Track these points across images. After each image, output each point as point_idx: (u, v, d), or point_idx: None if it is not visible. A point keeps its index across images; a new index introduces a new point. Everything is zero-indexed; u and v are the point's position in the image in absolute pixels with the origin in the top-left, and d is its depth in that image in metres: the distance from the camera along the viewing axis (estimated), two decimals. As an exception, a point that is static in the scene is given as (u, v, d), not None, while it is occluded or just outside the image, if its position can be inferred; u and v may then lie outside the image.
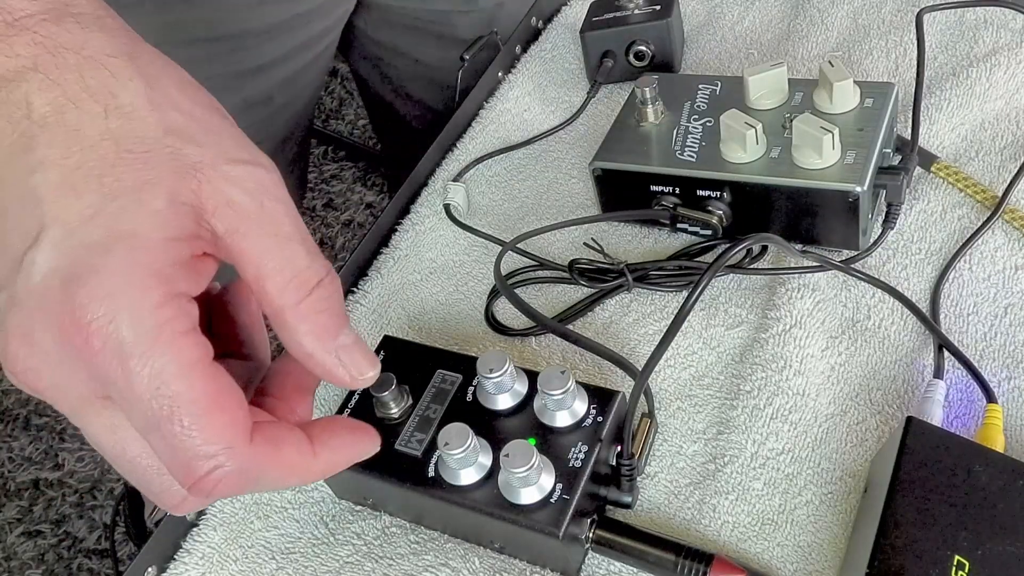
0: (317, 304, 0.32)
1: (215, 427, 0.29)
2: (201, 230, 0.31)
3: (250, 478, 0.31)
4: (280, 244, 0.32)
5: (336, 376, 0.33)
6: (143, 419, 0.29)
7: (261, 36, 0.72)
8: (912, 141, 0.54)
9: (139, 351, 0.28)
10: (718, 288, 0.54)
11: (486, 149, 0.68)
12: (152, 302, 0.29)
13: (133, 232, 0.29)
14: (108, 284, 0.28)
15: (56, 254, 0.29)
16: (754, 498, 0.44)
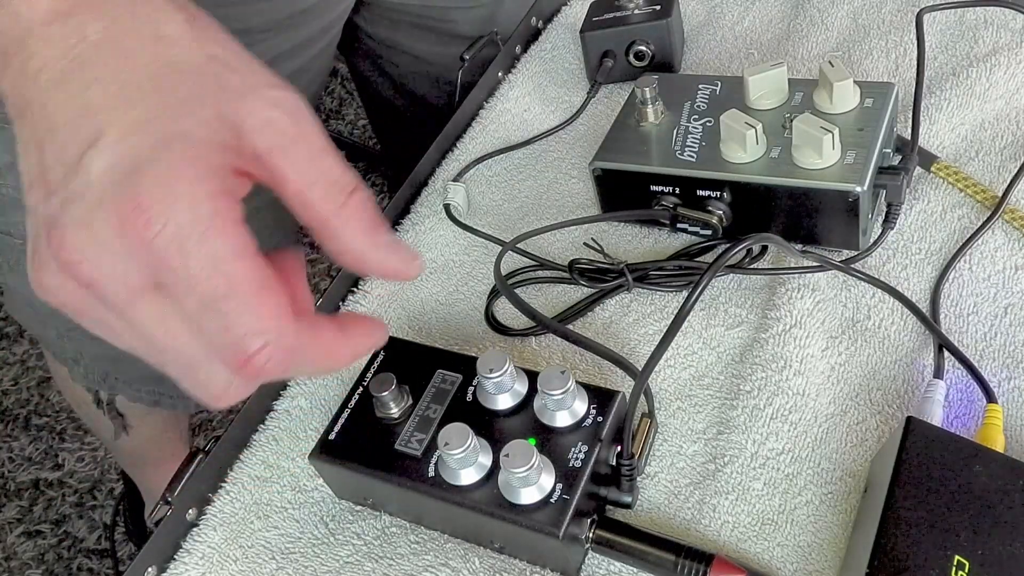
0: (358, 206, 0.34)
1: (266, 306, 0.31)
2: (243, 146, 0.32)
3: (294, 358, 0.32)
4: (319, 156, 0.34)
5: (388, 266, 0.35)
6: (198, 300, 0.31)
7: (263, 33, 0.72)
8: (912, 141, 0.54)
9: (197, 233, 0.30)
10: (718, 288, 0.54)
11: (486, 149, 0.68)
12: (208, 191, 0.31)
13: (190, 132, 0.31)
14: (167, 174, 0.30)
15: (115, 152, 0.31)
16: (754, 498, 0.44)
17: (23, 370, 1.69)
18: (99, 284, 0.31)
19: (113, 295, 0.31)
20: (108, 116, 0.31)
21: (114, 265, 0.31)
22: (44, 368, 1.66)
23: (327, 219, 0.33)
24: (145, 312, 0.32)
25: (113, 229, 0.30)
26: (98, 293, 0.31)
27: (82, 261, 0.31)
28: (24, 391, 1.66)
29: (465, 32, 0.84)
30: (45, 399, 1.63)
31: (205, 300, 0.31)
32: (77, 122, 0.32)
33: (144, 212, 0.30)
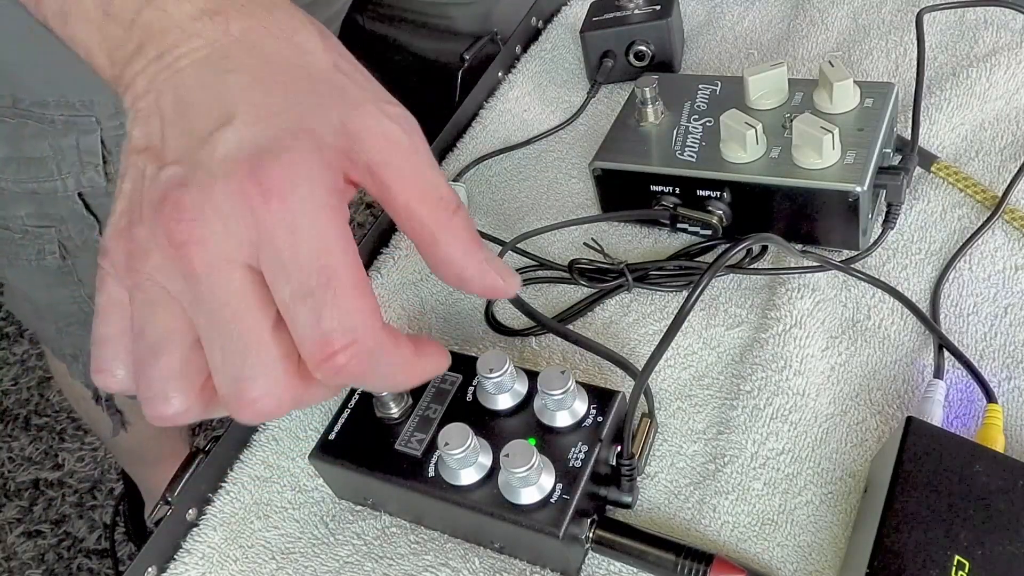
0: (461, 223, 0.35)
1: (361, 305, 0.32)
2: (356, 156, 0.33)
3: (373, 362, 0.33)
4: (428, 172, 0.35)
5: (488, 282, 0.36)
6: (298, 285, 0.31)
7: None
8: (912, 141, 0.54)
9: (311, 221, 0.31)
10: (718, 288, 0.54)
11: (486, 149, 0.68)
12: (327, 186, 0.32)
13: (314, 130, 0.33)
14: (295, 161, 0.32)
15: (247, 132, 0.32)
16: (754, 498, 0.44)
17: (23, 370, 1.69)
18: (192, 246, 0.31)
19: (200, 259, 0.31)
20: (243, 102, 0.33)
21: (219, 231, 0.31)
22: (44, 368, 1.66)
23: (433, 232, 0.34)
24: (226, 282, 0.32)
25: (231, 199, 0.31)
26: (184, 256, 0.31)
27: (191, 221, 0.31)
28: (24, 391, 1.66)
29: (462, 29, 0.84)
30: (45, 399, 1.63)
31: (303, 286, 0.31)
32: (211, 103, 0.33)
33: (266, 191, 0.31)
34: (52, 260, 0.72)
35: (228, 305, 0.32)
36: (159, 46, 0.34)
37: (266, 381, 0.32)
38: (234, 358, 0.32)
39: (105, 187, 0.67)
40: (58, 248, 0.71)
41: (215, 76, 0.34)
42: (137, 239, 0.33)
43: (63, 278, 0.73)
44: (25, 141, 0.65)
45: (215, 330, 0.32)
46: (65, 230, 0.70)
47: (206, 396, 0.34)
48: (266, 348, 0.32)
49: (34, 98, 0.64)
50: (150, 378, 0.33)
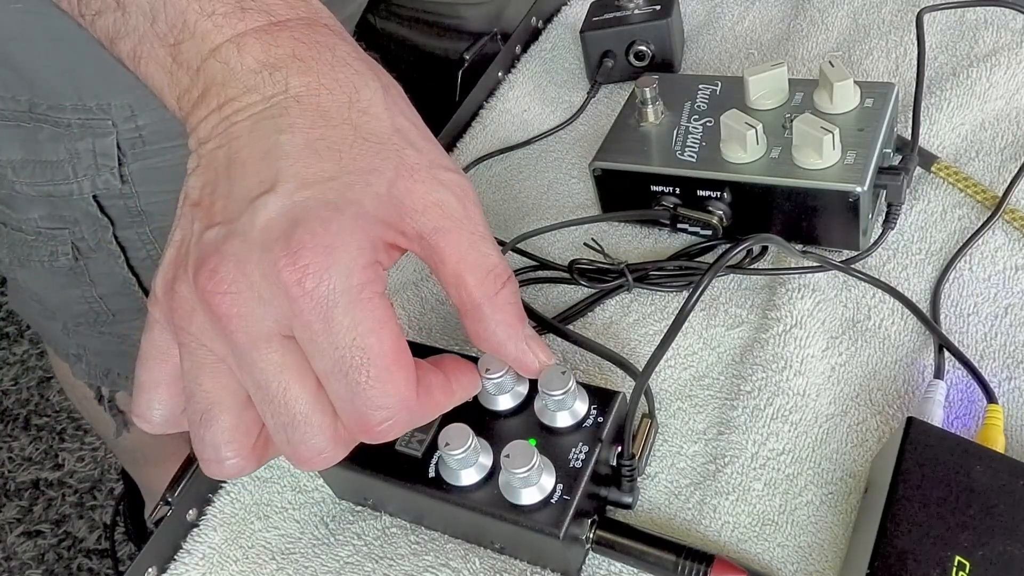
0: (508, 297, 0.36)
1: (394, 382, 0.32)
2: (405, 224, 0.34)
3: (411, 423, 0.34)
4: (479, 242, 0.35)
5: (524, 362, 0.37)
6: (332, 364, 0.32)
7: None
8: (912, 141, 0.54)
9: (345, 302, 0.31)
10: (718, 288, 0.54)
11: (486, 149, 0.68)
12: (363, 263, 0.32)
13: (360, 202, 0.33)
14: (331, 238, 0.32)
15: (288, 202, 0.32)
16: (754, 498, 0.44)
17: (23, 370, 1.69)
18: (231, 320, 0.32)
19: (241, 334, 0.32)
20: (290, 165, 0.33)
21: (254, 306, 0.32)
22: (44, 368, 1.66)
23: (479, 305, 0.35)
24: (266, 359, 0.32)
25: (265, 274, 0.31)
26: (225, 327, 0.32)
27: (226, 293, 0.32)
28: (24, 391, 1.66)
29: (473, 28, 0.85)
30: (45, 399, 1.63)
31: (338, 367, 0.32)
32: (259, 164, 0.33)
33: (300, 269, 0.31)
34: (65, 261, 0.72)
35: (272, 381, 0.33)
36: (220, 97, 0.35)
37: (317, 443, 0.34)
38: (284, 426, 0.33)
39: (120, 189, 0.67)
40: (71, 249, 0.71)
41: (268, 135, 0.33)
42: (181, 296, 0.33)
43: (75, 279, 0.74)
44: (41, 144, 0.66)
45: (262, 400, 0.33)
46: (78, 231, 0.70)
47: (259, 450, 0.36)
48: (313, 417, 0.33)
49: (51, 102, 0.64)
50: (204, 442, 0.35)
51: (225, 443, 0.34)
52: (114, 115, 0.64)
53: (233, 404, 0.34)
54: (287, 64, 0.35)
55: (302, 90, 0.34)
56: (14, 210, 0.70)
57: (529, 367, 0.38)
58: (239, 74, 0.34)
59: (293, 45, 0.35)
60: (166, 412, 0.36)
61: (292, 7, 0.37)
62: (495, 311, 0.35)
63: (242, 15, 0.35)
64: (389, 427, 0.33)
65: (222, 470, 0.35)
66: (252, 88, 0.34)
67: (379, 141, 0.34)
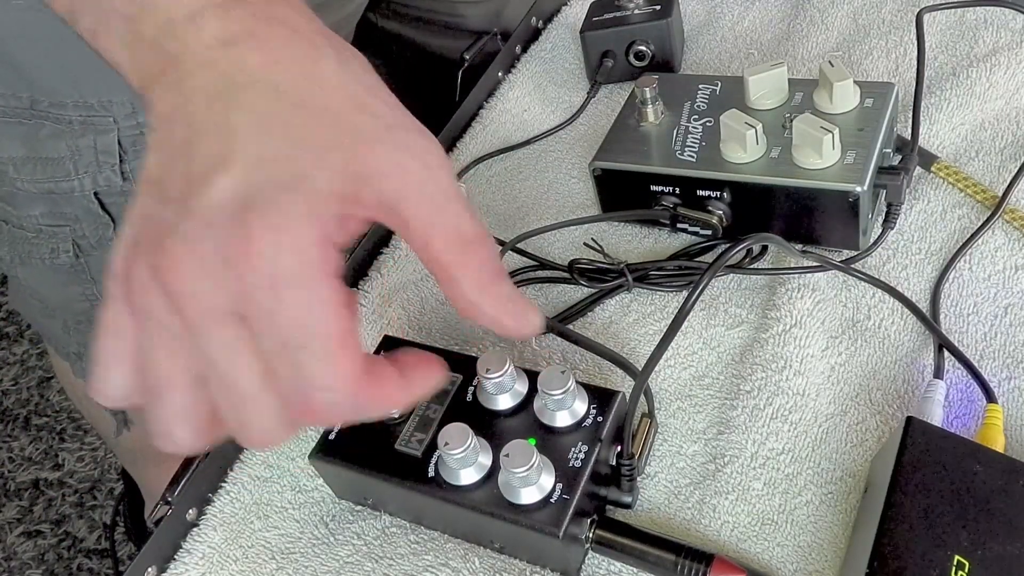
0: (480, 256, 0.35)
1: (339, 363, 0.32)
2: (366, 195, 0.33)
3: (356, 410, 0.33)
4: (445, 204, 0.34)
5: (503, 322, 0.36)
6: (277, 343, 0.32)
7: None
8: (912, 141, 0.54)
9: (292, 282, 0.31)
10: (718, 288, 0.54)
11: (486, 149, 0.68)
12: (312, 242, 0.32)
13: (311, 178, 0.32)
14: (280, 218, 0.31)
15: (241, 181, 0.32)
16: (754, 498, 0.44)
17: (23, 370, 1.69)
18: (184, 297, 0.32)
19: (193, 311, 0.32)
20: (243, 144, 0.33)
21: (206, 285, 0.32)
22: (44, 368, 1.66)
23: (447, 267, 0.34)
24: (217, 336, 0.32)
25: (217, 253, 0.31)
26: (178, 304, 0.32)
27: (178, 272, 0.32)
28: (24, 391, 1.66)
29: (472, 27, 0.85)
30: (45, 399, 1.63)
31: (284, 345, 0.32)
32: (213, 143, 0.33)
33: (251, 247, 0.31)
34: (66, 258, 0.72)
35: (222, 358, 0.33)
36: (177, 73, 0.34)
37: (263, 423, 0.33)
38: (233, 404, 0.33)
39: (121, 186, 0.67)
40: (72, 247, 0.71)
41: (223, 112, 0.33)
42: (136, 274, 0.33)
43: (76, 276, 0.74)
44: (42, 142, 0.66)
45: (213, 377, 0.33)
46: (79, 229, 0.70)
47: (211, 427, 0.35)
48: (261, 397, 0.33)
49: (52, 99, 0.64)
50: (157, 416, 0.35)
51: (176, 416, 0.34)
52: (115, 112, 0.64)
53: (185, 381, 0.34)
54: (243, 41, 0.34)
55: (257, 67, 0.34)
56: (15, 207, 0.70)
57: (509, 327, 0.36)
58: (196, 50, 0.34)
59: (250, 22, 0.35)
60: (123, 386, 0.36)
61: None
62: (465, 272, 0.34)
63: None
64: (331, 409, 0.33)
65: (173, 445, 0.35)
66: (208, 64, 0.34)
67: (334, 115, 0.34)
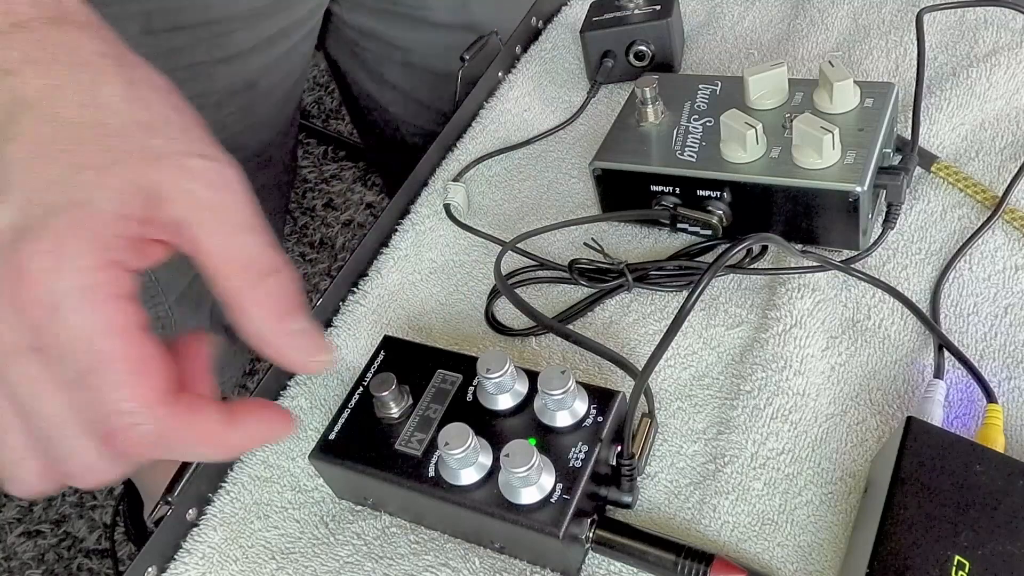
0: (270, 290, 0.34)
1: (137, 387, 0.31)
2: (156, 216, 0.32)
3: (166, 440, 0.32)
4: (236, 233, 0.33)
5: (288, 358, 0.35)
6: (71, 372, 0.31)
7: (244, 21, 0.73)
8: (912, 141, 0.54)
9: (73, 305, 0.30)
10: (718, 288, 0.54)
11: (486, 149, 0.68)
12: (91, 263, 0.31)
13: (88, 201, 0.31)
14: (54, 241, 0.30)
15: (15, 211, 0.31)
16: (754, 498, 0.44)
17: (23, 370, 1.69)
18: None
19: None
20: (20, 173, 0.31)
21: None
22: (44, 368, 1.66)
23: (236, 297, 0.33)
24: (17, 372, 0.31)
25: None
26: None
27: None
28: (24, 391, 1.65)
29: (439, 20, 0.84)
30: (45, 399, 1.63)
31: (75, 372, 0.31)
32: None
33: (25, 277, 0.30)
34: None
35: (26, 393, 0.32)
36: None
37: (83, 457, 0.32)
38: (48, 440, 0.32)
39: None
40: None
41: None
42: None
43: None
44: None
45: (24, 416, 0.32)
46: None
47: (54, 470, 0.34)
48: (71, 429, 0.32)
49: None
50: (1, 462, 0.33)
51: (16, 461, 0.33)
52: None
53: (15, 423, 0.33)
54: (21, 68, 0.33)
55: (35, 94, 0.33)
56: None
57: (293, 361, 0.35)
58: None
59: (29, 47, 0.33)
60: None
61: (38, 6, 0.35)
62: (253, 305, 0.33)
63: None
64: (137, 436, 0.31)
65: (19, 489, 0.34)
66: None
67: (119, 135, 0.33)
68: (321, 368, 0.36)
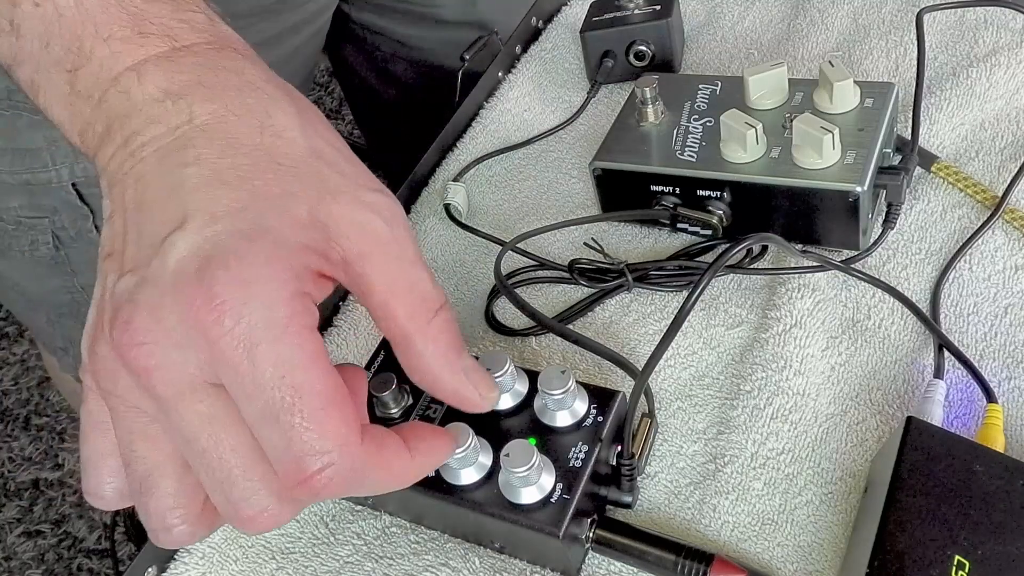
0: (442, 326, 0.33)
1: (332, 423, 0.29)
2: (330, 250, 0.31)
3: (356, 478, 0.31)
4: (408, 268, 0.32)
5: (463, 395, 0.34)
6: (261, 407, 0.29)
7: (249, 18, 0.73)
8: (912, 141, 0.54)
9: (269, 337, 0.29)
10: (718, 288, 0.54)
11: (486, 149, 0.68)
12: (285, 294, 0.29)
13: (278, 229, 0.30)
14: (248, 271, 0.29)
15: (199, 238, 0.30)
16: (754, 498, 0.44)
17: (23, 370, 1.69)
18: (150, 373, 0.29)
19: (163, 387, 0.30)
20: (199, 199, 0.30)
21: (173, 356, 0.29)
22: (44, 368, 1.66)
23: (410, 335, 0.32)
24: (192, 410, 0.30)
25: (181, 318, 0.29)
26: (146, 382, 0.30)
27: (142, 345, 0.29)
28: (24, 391, 1.66)
29: (448, 18, 0.85)
30: (45, 399, 1.63)
31: (268, 410, 0.29)
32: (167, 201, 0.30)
33: (216, 307, 0.28)
34: (45, 251, 0.72)
35: (202, 434, 0.30)
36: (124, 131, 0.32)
37: (259, 500, 0.31)
38: (221, 483, 0.31)
39: None
40: (51, 239, 0.71)
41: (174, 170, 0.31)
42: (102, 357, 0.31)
43: (56, 269, 0.73)
44: (20, 132, 0.65)
45: (196, 458, 0.31)
46: (59, 220, 0.70)
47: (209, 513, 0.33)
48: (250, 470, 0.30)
49: None
50: (148, 511, 0.32)
51: (169, 510, 0.32)
52: None
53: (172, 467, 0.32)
54: (191, 91, 0.32)
55: (208, 118, 0.32)
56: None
57: (469, 401, 0.34)
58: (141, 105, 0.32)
59: (198, 71, 0.33)
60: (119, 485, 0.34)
61: (197, 31, 0.34)
62: (428, 342, 0.32)
63: (142, 40, 0.33)
64: (330, 476, 0.29)
65: (171, 539, 0.32)
66: (156, 119, 0.32)
67: (295, 165, 0.32)
68: (490, 405, 0.35)
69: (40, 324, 0.82)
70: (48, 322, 0.81)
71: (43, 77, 0.34)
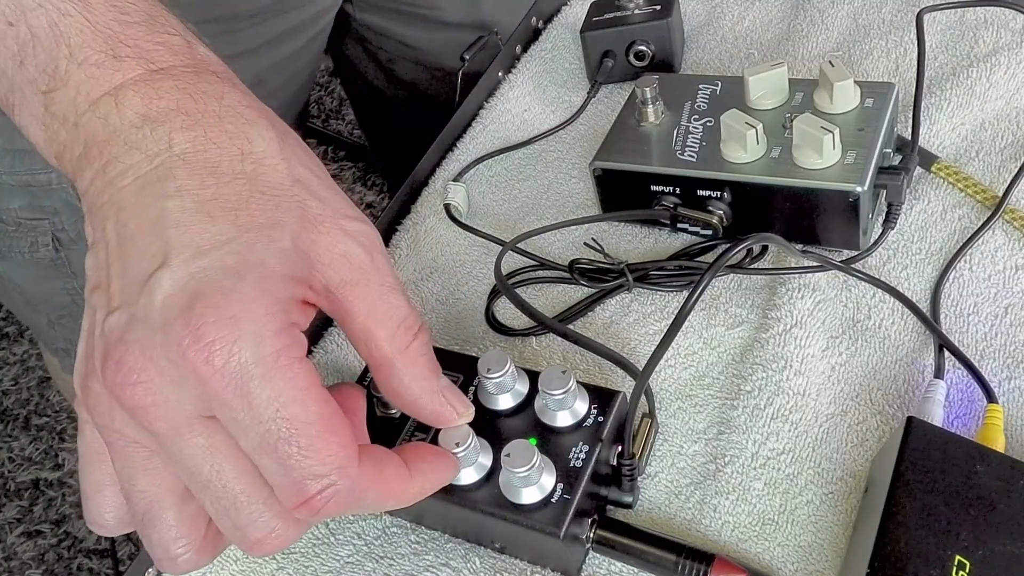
0: (420, 349, 0.34)
1: (329, 448, 0.30)
2: (313, 279, 0.32)
3: (356, 498, 0.31)
4: (388, 295, 0.33)
5: (442, 414, 0.35)
6: (258, 440, 0.30)
7: (252, 18, 0.73)
8: (912, 141, 0.54)
9: (260, 373, 0.29)
10: (718, 288, 0.54)
11: (486, 149, 0.68)
12: (274, 329, 0.30)
13: (263, 262, 0.30)
14: (235, 307, 0.29)
15: (184, 274, 0.30)
16: (755, 498, 0.44)
17: (23, 370, 1.69)
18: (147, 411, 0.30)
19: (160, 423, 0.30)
20: (182, 234, 0.30)
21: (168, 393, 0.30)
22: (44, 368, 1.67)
23: (391, 359, 0.33)
24: (192, 443, 0.30)
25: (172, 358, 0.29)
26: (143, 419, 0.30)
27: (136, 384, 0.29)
28: (24, 391, 1.66)
29: (451, 19, 0.85)
30: (45, 399, 1.63)
31: (265, 442, 0.30)
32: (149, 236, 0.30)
33: (206, 347, 0.29)
34: (45, 252, 0.72)
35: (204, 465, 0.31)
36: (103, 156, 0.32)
37: (266, 523, 0.32)
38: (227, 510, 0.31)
39: None
40: (51, 240, 0.71)
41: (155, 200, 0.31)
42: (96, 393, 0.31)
43: (56, 270, 0.73)
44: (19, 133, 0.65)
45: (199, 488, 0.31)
46: (58, 222, 0.70)
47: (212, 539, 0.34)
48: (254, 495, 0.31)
49: None
50: (152, 543, 0.33)
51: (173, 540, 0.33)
52: None
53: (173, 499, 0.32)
54: (170, 119, 0.32)
55: (188, 147, 0.32)
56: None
57: (447, 419, 0.36)
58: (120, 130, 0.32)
59: (176, 96, 0.32)
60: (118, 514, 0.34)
61: (174, 53, 0.34)
62: (408, 365, 0.33)
63: (117, 64, 0.33)
64: (329, 497, 0.30)
65: (176, 568, 0.33)
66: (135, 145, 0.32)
67: (277, 193, 0.32)
68: (464, 422, 0.37)
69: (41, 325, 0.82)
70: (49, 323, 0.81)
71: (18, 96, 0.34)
